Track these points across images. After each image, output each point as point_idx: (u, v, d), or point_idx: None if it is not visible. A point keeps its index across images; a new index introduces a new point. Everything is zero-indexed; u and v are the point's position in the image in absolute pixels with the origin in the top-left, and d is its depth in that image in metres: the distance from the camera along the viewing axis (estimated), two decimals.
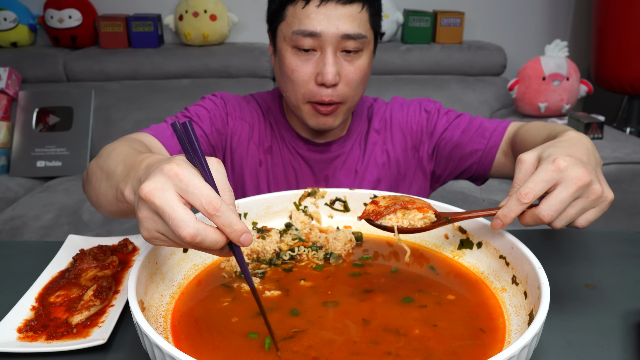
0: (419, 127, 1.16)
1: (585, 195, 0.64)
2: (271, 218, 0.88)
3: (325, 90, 1.00)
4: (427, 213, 0.72)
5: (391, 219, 0.72)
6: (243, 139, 1.13)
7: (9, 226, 1.91)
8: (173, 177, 0.55)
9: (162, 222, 0.55)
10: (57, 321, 0.70)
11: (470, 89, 2.62)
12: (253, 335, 0.62)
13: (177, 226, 0.53)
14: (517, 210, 0.66)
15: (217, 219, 0.54)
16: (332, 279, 0.75)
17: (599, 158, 0.73)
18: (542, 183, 0.64)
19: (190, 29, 2.59)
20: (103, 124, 2.46)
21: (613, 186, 1.95)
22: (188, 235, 0.53)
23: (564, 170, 0.63)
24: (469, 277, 0.76)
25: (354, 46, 0.99)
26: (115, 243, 0.88)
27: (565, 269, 0.85)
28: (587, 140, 0.73)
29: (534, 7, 2.95)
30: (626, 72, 2.50)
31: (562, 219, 0.65)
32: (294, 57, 1.00)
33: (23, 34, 2.65)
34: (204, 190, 0.54)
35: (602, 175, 0.69)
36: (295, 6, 0.98)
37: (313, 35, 0.97)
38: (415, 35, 2.70)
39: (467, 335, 0.62)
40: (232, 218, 0.55)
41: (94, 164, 0.82)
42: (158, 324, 0.63)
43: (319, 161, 1.14)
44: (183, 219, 0.53)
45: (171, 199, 0.54)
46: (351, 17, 0.97)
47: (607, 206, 0.67)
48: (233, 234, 0.55)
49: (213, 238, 0.54)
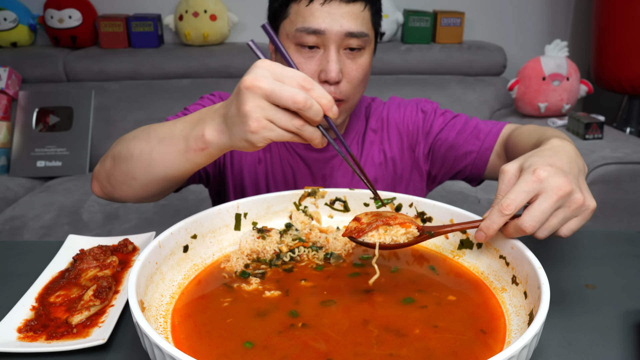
0: (415, 127, 1.16)
1: (567, 204, 0.65)
2: (271, 218, 0.88)
3: (328, 88, 1.00)
4: (410, 228, 0.72)
5: (373, 235, 0.72)
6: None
7: (9, 226, 1.91)
8: (268, 68, 0.65)
9: (270, 106, 0.65)
10: (57, 321, 0.70)
11: (470, 89, 2.62)
12: (248, 344, 0.61)
13: (290, 98, 0.64)
14: (500, 222, 0.67)
15: (313, 92, 0.66)
16: (333, 279, 0.75)
17: (583, 165, 0.73)
18: (522, 194, 0.64)
19: (190, 29, 2.59)
20: (103, 124, 2.46)
21: (613, 186, 1.95)
22: (302, 99, 0.64)
23: (544, 180, 0.64)
24: (469, 277, 0.76)
25: (357, 44, 0.99)
26: (115, 243, 0.88)
27: (565, 269, 0.85)
28: (571, 147, 0.74)
29: (534, 7, 2.95)
30: (626, 72, 2.50)
31: (545, 229, 0.65)
32: (297, 55, 1.00)
33: (23, 34, 2.65)
34: (297, 72, 0.66)
35: (585, 183, 0.69)
36: (299, 4, 0.99)
37: (317, 32, 0.97)
38: (415, 35, 2.70)
39: (468, 336, 0.62)
40: (324, 91, 0.67)
41: (125, 144, 0.85)
42: (158, 324, 0.63)
43: (316, 160, 1.14)
44: (293, 91, 0.64)
45: (274, 82, 0.64)
46: (354, 15, 0.98)
47: (589, 215, 0.67)
48: (327, 104, 0.67)
49: (317, 107, 0.65)
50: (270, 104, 0.65)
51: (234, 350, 0.59)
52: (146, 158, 0.80)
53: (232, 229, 0.84)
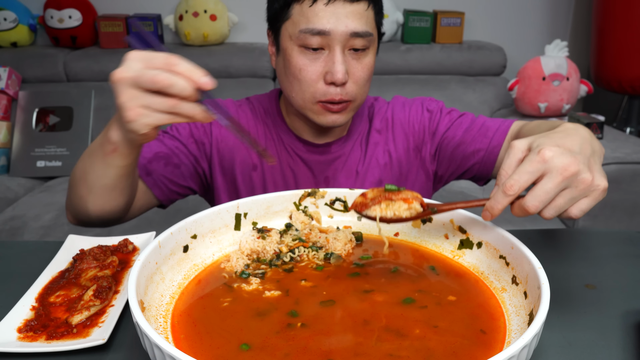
0: (421, 127, 1.15)
1: (574, 185, 0.64)
2: (271, 218, 0.88)
3: (335, 89, 0.99)
4: (412, 204, 0.73)
5: (375, 209, 0.75)
6: (231, 145, 1.12)
7: (9, 226, 1.91)
8: (135, 57, 0.68)
9: (141, 93, 0.68)
10: (57, 321, 0.70)
11: (470, 89, 2.62)
12: (248, 344, 0.61)
13: (150, 79, 0.66)
14: (504, 202, 0.66)
15: (177, 67, 0.67)
16: (333, 279, 0.75)
17: (599, 147, 0.72)
18: (526, 175, 0.64)
19: (190, 29, 2.59)
20: (103, 124, 2.46)
21: (613, 186, 1.95)
22: (162, 78, 0.66)
23: (548, 160, 0.63)
24: (469, 277, 0.76)
25: (361, 44, 0.98)
26: (115, 243, 0.88)
27: (565, 269, 0.85)
28: (585, 130, 0.72)
29: (534, 7, 2.95)
30: (626, 72, 2.50)
31: (551, 208, 0.64)
32: (301, 56, 0.99)
33: (23, 34, 2.65)
34: (161, 55, 0.68)
35: (598, 164, 0.68)
36: (302, 4, 0.97)
37: (322, 33, 0.96)
38: (415, 35, 2.70)
39: (468, 336, 0.62)
40: (191, 66, 0.67)
41: (73, 170, 0.95)
42: (158, 324, 0.63)
43: (318, 163, 1.13)
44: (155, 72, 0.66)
45: (140, 68, 0.67)
46: (359, 14, 0.97)
47: (600, 194, 0.65)
48: (195, 76, 0.67)
49: (181, 82, 0.67)
50: (142, 91, 0.68)
51: (234, 350, 0.59)
52: (84, 175, 0.89)
53: (232, 229, 0.84)
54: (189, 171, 1.11)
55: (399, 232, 0.87)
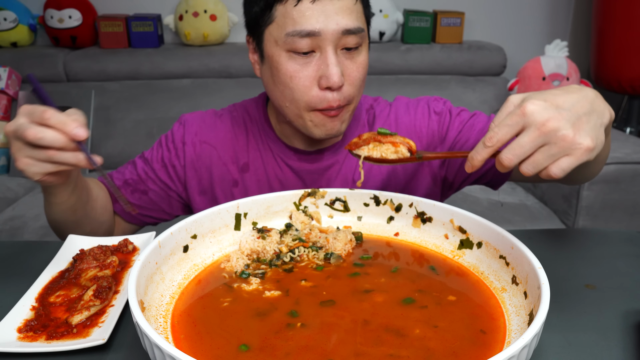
0: (430, 131, 1.06)
1: (553, 141, 0.61)
2: (271, 218, 0.88)
3: (332, 95, 0.91)
4: (399, 147, 0.77)
5: (363, 149, 0.80)
6: (208, 163, 1.08)
7: (9, 226, 1.91)
8: (21, 112, 0.74)
9: (24, 146, 0.74)
10: (57, 321, 0.70)
11: (470, 89, 2.62)
12: (248, 345, 0.61)
13: (23, 133, 0.72)
14: (483, 154, 0.66)
15: (49, 121, 0.72)
16: (333, 279, 0.75)
17: (602, 108, 0.67)
18: (505, 127, 0.64)
19: (190, 29, 2.59)
20: (103, 124, 2.46)
21: (613, 186, 1.95)
22: (30, 133, 0.71)
23: (528, 114, 0.62)
24: (469, 277, 0.76)
25: (354, 42, 0.91)
26: (115, 243, 0.88)
27: (565, 269, 0.85)
28: (591, 91, 0.68)
29: (534, 7, 2.95)
30: (626, 72, 2.50)
31: (529, 164, 0.63)
32: (290, 62, 0.91)
33: (23, 34, 2.65)
34: (38, 108, 0.73)
35: (591, 123, 0.63)
36: (285, 4, 0.89)
37: (311, 34, 0.88)
38: (415, 35, 2.70)
39: (468, 336, 0.62)
40: (63, 118, 0.72)
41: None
42: (158, 324, 0.63)
43: (310, 172, 1.06)
44: (28, 126, 0.72)
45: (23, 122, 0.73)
46: (348, 10, 0.90)
47: (583, 154, 0.62)
48: (67, 128, 0.72)
49: (50, 135, 0.72)
50: (24, 143, 0.74)
51: (233, 350, 0.59)
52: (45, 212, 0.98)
53: (232, 229, 0.84)
54: (159, 197, 1.10)
55: (399, 232, 0.87)
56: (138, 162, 1.11)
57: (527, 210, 2.09)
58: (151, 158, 1.10)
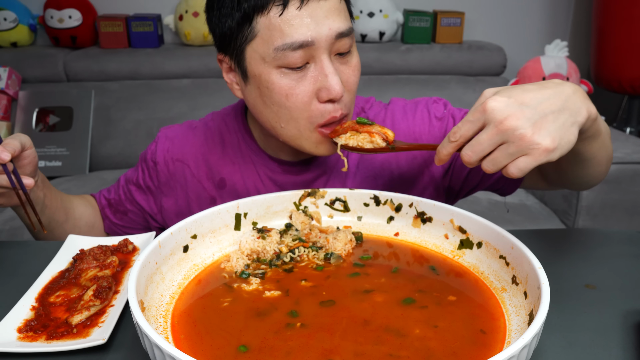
0: (432, 138, 0.99)
1: (511, 140, 0.60)
2: (271, 218, 0.88)
3: (333, 106, 0.84)
4: (374, 137, 0.80)
5: (341, 137, 0.84)
6: (182, 182, 1.03)
7: (9, 226, 1.91)
8: None
9: None
10: (57, 321, 0.70)
11: (470, 89, 2.62)
12: (247, 345, 0.61)
13: None
14: (448, 148, 0.67)
15: None
16: (333, 279, 0.75)
17: (576, 106, 0.63)
18: (467, 123, 0.64)
19: (190, 29, 2.59)
20: (103, 124, 2.46)
21: (613, 186, 1.95)
22: None
23: (488, 111, 0.61)
24: (469, 277, 0.76)
25: (348, 45, 0.83)
26: (115, 243, 0.88)
27: (565, 269, 0.85)
28: (570, 87, 0.64)
29: (534, 7, 2.95)
30: (626, 72, 2.50)
31: (488, 161, 0.63)
32: (284, 79, 0.82)
33: (23, 34, 2.65)
34: None
35: (557, 122, 0.61)
36: (268, 15, 0.79)
37: (304, 45, 0.79)
38: (415, 35, 2.70)
39: (468, 336, 0.62)
40: None
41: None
42: (158, 324, 0.63)
43: (296, 185, 0.99)
44: None
45: None
46: (337, 10, 0.82)
47: (542, 155, 0.60)
48: None
49: None
50: None
51: (233, 350, 0.59)
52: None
53: (232, 229, 0.84)
54: (139, 217, 1.10)
55: (399, 232, 0.87)
56: (121, 182, 1.11)
57: (527, 210, 2.09)
58: (130, 178, 1.09)
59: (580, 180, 0.90)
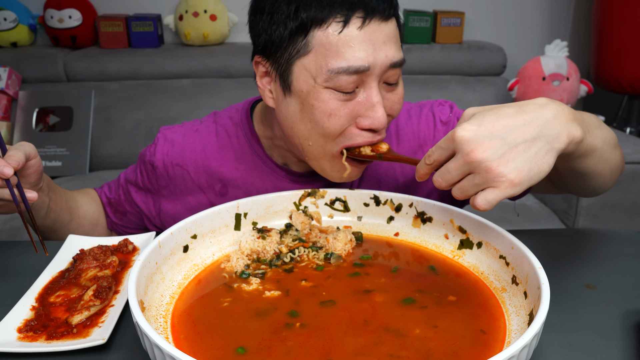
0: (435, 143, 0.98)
1: (477, 171, 0.59)
2: (271, 218, 0.88)
3: (372, 135, 0.81)
4: (362, 147, 0.84)
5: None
6: (182, 188, 1.02)
7: (9, 226, 1.91)
8: None
9: None
10: (57, 321, 0.70)
11: (470, 89, 2.62)
12: (247, 345, 0.61)
13: None
14: (425, 169, 0.67)
15: None
16: (333, 279, 0.75)
17: (555, 132, 0.60)
18: (439, 149, 0.64)
19: (190, 29, 2.59)
20: (103, 124, 2.46)
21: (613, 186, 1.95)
22: None
23: (457, 141, 0.60)
24: (469, 277, 0.76)
25: (396, 77, 0.80)
26: (115, 243, 0.88)
27: (565, 269, 0.85)
28: (549, 110, 0.61)
29: (534, 7, 2.95)
30: (626, 72, 2.50)
31: (457, 188, 0.63)
32: (333, 100, 0.78)
33: (23, 34, 2.65)
34: None
35: (527, 153, 0.59)
36: (325, 30, 0.75)
37: (360, 71, 0.76)
38: (415, 35, 2.70)
39: (468, 336, 0.62)
40: None
41: None
42: (158, 324, 0.63)
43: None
44: None
45: None
46: (394, 37, 0.79)
47: (508, 187, 0.58)
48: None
49: None
50: None
51: (233, 349, 0.59)
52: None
53: (232, 229, 0.84)
54: (137, 219, 1.10)
55: (399, 232, 0.87)
56: (121, 180, 1.10)
57: (527, 210, 2.09)
58: (129, 178, 1.08)
59: (585, 190, 0.89)
